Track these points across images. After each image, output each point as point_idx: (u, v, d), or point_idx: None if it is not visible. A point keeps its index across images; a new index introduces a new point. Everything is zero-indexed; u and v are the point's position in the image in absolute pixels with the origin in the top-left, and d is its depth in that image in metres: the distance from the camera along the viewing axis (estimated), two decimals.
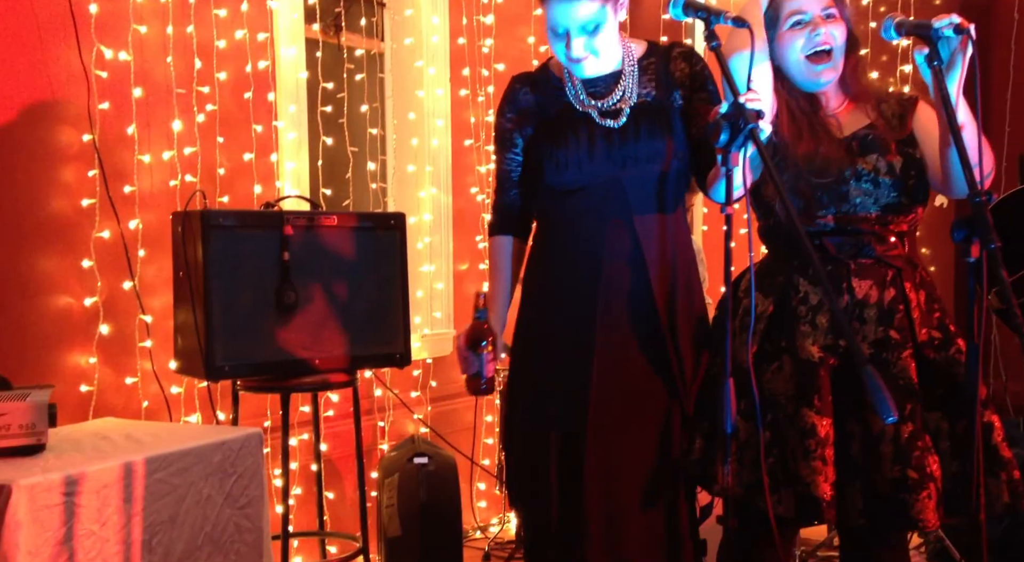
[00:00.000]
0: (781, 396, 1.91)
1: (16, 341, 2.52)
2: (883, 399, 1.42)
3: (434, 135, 3.75)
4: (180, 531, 2.11)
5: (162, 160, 2.84)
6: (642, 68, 2.07)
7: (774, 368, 1.94)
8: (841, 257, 1.93)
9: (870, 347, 1.91)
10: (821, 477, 1.81)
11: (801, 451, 1.84)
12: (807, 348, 1.90)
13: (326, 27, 3.51)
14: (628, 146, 1.99)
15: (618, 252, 1.99)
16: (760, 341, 1.95)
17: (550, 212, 2.09)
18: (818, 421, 1.85)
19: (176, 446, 2.13)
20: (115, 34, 2.72)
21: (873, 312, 1.92)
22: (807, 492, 1.81)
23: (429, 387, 3.66)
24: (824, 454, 1.82)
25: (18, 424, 2.00)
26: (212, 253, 2.44)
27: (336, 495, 3.28)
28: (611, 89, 2.04)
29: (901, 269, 1.94)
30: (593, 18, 1.92)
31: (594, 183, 2.01)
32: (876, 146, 1.95)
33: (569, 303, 2.04)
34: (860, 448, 1.87)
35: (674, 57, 2.07)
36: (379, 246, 2.70)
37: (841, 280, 1.93)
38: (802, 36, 1.95)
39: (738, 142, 1.54)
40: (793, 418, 1.87)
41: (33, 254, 2.56)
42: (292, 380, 2.58)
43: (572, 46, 1.94)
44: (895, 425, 1.83)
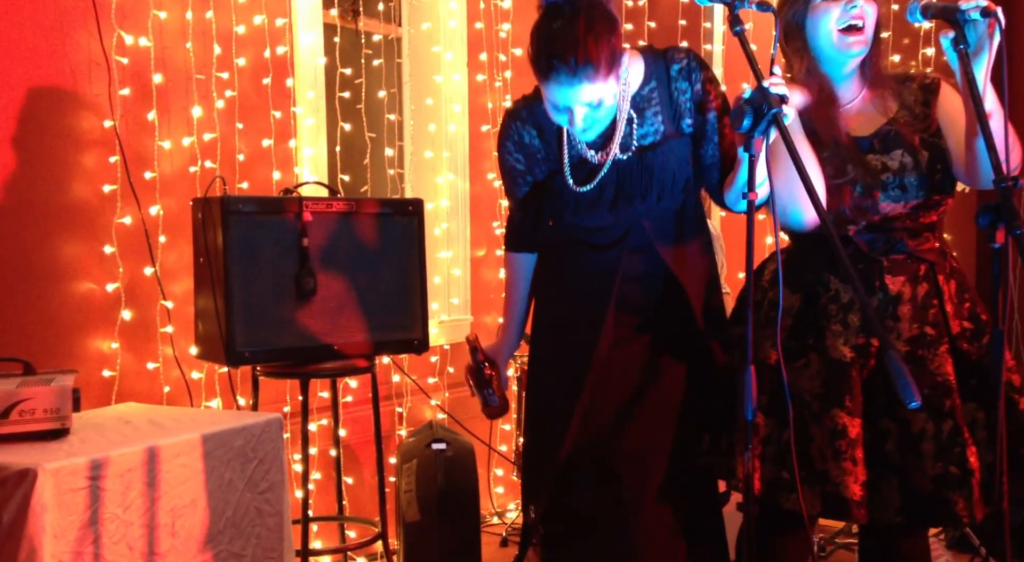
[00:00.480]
0: (806, 393, 1.89)
1: (40, 326, 2.54)
2: (907, 384, 1.41)
3: (451, 121, 3.75)
4: (202, 515, 2.13)
5: (182, 146, 2.85)
6: (645, 101, 1.96)
7: (799, 365, 1.91)
8: (873, 254, 1.90)
9: (906, 344, 1.88)
10: (851, 477, 1.79)
11: (831, 451, 1.82)
12: (839, 348, 1.88)
13: (344, 12, 3.50)
14: (635, 199, 1.95)
15: (635, 260, 2.00)
16: (785, 337, 1.92)
17: (573, 236, 2.06)
18: (849, 422, 1.83)
19: (198, 431, 2.15)
20: (135, 20, 2.73)
21: (907, 309, 1.89)
22: (836, 492, 1.80)
23: (447, 373, 3.67)
24: (855, 455, 1.81)
25: (43, 408, 2.02)
26: (232, 239, 2.45)
27: (355, 480, 3.30)
28: (610, 139, 1.96)
29: (934, 262, 1.92)
30: (597, 96, 1.81)
31: (614, 225, 1.99)
32: (900, 142, 1.91)
33: (585, 292, 2.03)
34: (896, 446, 1.84)
35: (673, 77, 1.96)
36: (397, 232, 2.70)
37: (873, 278, 1.90)
38: (838, 7, 1.88)
39: (761, 127, 1.52)
40: (820, 417, 1.86)
41: (56, 240, 2.58)
42: (311, 366, 2.59)
43: (575, 120, 1.85)
44: (935, 422, 1.82)
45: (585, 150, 1.98)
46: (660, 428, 1.96)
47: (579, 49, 1.74)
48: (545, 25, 1.82)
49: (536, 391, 2.14)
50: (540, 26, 1.83)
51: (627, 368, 1.99)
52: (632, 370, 1.99)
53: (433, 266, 3.68)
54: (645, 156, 1.94)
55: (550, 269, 2.14)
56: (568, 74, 1.75)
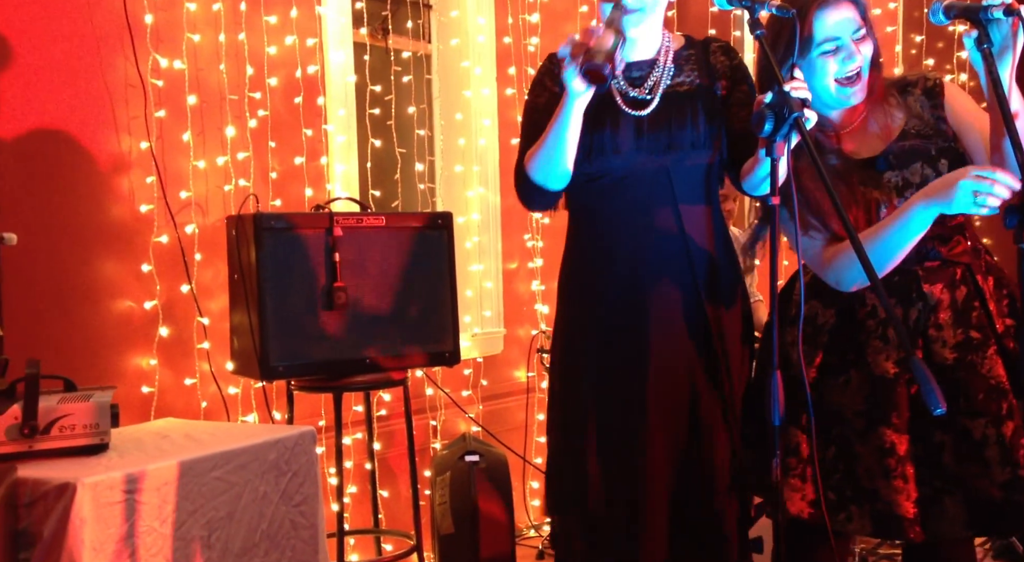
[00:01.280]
0: (848, 410, 1.86)
1: (81, 344, 2.60)
2: (931, 390, 1.39)
3: (481, 135, 3.78)
4: (238, 528, 2.15)
5: (216, 165, 2.91)
6: (684, 58, 2.07)
7: (840, 382, 1.88)
8: (907, 266, 1.87)
9: (953, 351, 1.84)
10: (903, 495, 1.76)
11: (880, 469, 1.79)
12: (881, 364, 1.85)
13: (374, 31, 3.55)
14: (663, 134, 1.99)
15: (666, 247, 1.99)
16: (826, 354, 1.90)
17: (591, 205, 2.06)
18: (897, 439, 1.80)
19: (233, 444, 2.18)
20: (170, 43, 2.79)
21: (948, 315, 1.86)
22: (888, 511, 1.77)
23: (480, 386, 3.68)
24: (905, 472, 1.78)
25: (82, 424, 2.07)
26: (264, 255, 2.49)
27: (391, 493, 3.32)
28: (646, 76, 2.05)
29: (969, 264, 1.89)
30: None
31: (637, 172, 2.00)
32: (917, 155, 1.88)
33: (619, 303, 2.02)
34: (954, 458, 1.80)
35: (713, 50, 2.09)
36: (427, 245, 2.73)
37: (911, 289, 1.87)
38: (835, 62, 1.87)
39: (783, 132, 1.52)
40: (866, 435, 1.83)
41: (96, 260, 2.64)
42: (344, 379, 2.62)
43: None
44: (996, 427, 1.78)
45: (630, 88, 2.04)
46: (688, 432, 1.96)
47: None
48: None
49: (565, 398, 2.13)
50: None
51: (670, 378, 1.99)
52: (673, 379, 1.99)
53: (465, 279, 3.70)
54: (681, 97, 2.01)
55: (572, 271, 2.13)
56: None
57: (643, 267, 1.99)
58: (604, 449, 2.00)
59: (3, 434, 1.99)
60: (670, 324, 1.98)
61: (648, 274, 1.99)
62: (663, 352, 1.98)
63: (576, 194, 2.09)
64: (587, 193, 2.06)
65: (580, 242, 2.11)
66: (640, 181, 2.00)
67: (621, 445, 1.99)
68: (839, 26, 1.85)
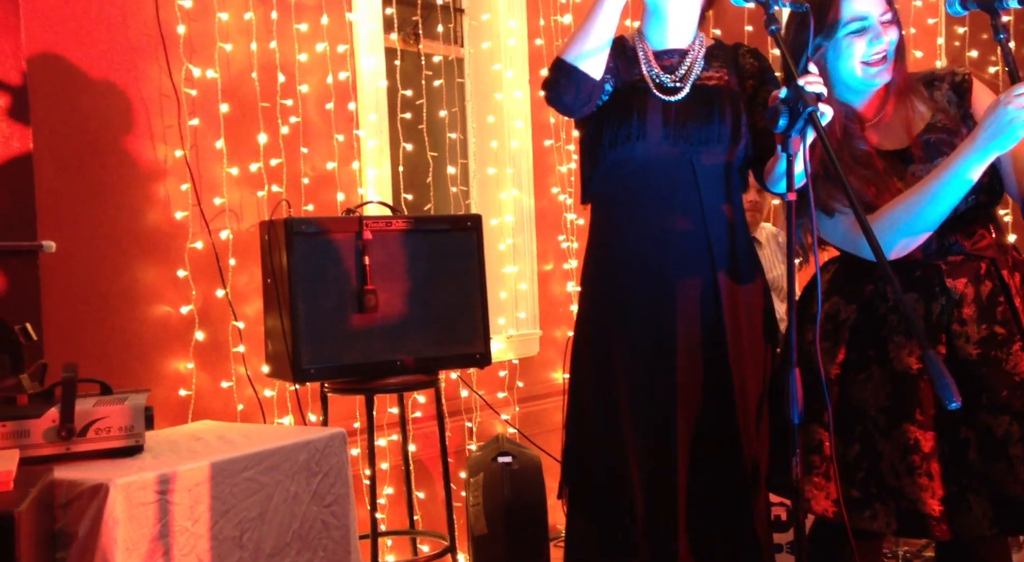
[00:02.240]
0: (871, 407, 1.83)
1: (119, 349, 2.66)
2: (946, 385, 1.37)
3: (514, 137, 3.78)
4: (269, 528, 2.18)
5: (249, 172, 2.95)
6: (714, 55, 2.10)
7: (862, 378, 1.86)
8: (929, 260, 1.85)
9: (976, 346, 1.81)
10: (928, 493, 1.74)
11: (904, 467, 1.77)
12: (904, 359, 1.82)
13: (406, 36, 3.58)
14: (690, 125, 1.99)
15: (688, 238, 1.98)
16: (849, 350, 1.88)
17: (614, 193, 2.06)
18: (922, 436, 1.77)
19: (264, 446, 2.21)
20: (203, 53, 2.85)
21: (972, 310, 1.83)
22: (913, 508, 1.74)
23: (516, 388, 3.69)
24: (930, 469, 1.75)
25: (118, 426, 2.11)
26: (296, 259, 2.52)
27: (427, 494, 3.33)
28: (678, 64, 2.07)
29: (994, 258, 1.86)
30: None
31: (661, 160, 2.00)
32: (942, 148, 1.85)
33: (643, 293, 2.01)
34: (979, 455, 1.77)
35: (742, 53, 2.12)
36: (457, 248, 2.74)
37: (934, 283, 1.84)
38: (863, 42, 1.86)
39: (798, 127, 1.50)
40: (889, 432, 1.80)
41: (132, 266, 2.70)
42: (375, 382, 2.64)
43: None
44: (1020, 425, 1.75)
45: (661, 73, 2.05)
46: (714, 440, 1.95)
47: None
48: None
49: (595, 411, 2.12)
50: None
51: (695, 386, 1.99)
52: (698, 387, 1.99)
53: (499, 281, 3.71)
54: (709, 91, 2.04)
55: (596, 267, 2.12)
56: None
57: (667, 257, 1.99)
58: (637, 445, 1.99)
59: (41, 436, 2.04)
60: (692, 319, 1.97)
61: (670, 265, 1.98)
62: (691, 343, 1.97)
63: (600, 183, 2.08)
64: (610, 181, 2.06)
65: (604, 231, 2.11)
66: (664, 170, 2.00)
67: (652, 440, 1.98)
68: (867, 4, 1.85)
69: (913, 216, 1.76)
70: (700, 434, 1.95)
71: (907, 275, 1.84)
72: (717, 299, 1.97)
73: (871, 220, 1.81)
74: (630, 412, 2.00)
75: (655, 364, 1.99)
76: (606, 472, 2.04)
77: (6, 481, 1.68)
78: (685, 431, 1.95)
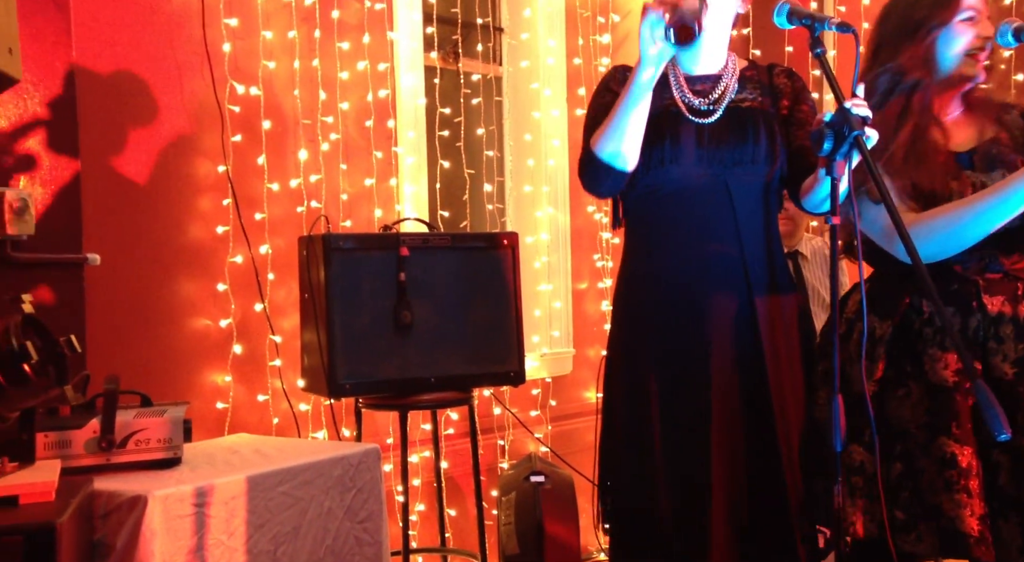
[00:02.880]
0: (911, 424, 1.80)
1: (160, 361, 2.70)
2: (995, 416, 1.34)
3: (551, 155, 3.79)
4: (303, 543, 2.19)
5: (289, 188, 2.99)
6: (745, 77, 2.10)
7: (900, 395, 1.83)
8: (967, 275, 1.83)
9: (1012, 366, 1.79)
10: (967, 511, 1.69)
11: (942, 483, 1.73)
12: (939, 373, 1.80)
13: (446, 55, 3.61)
14: (724, 147, 1.98)
15: (724, 260, 1.97)
16: (887, 366, 1.86)
17: (648, 217, 2.06)
18: (959, 450, 1.74)
19: (299, 460, 2.22)
20: (246, 71, 2.89)
21: (1010, 329, 1.80)
22: (952, 527, 1.70)
23: (549, 406, 3.68)
24: (968, 486, 1.71)
25: (157, 438, 2.14)
26: (333, 275, 2.54)
27: (459, 512, 3.33)
28: (712, 88, 2.06)
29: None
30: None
31: (696, 184, 1.99)
32: (1001, 161, 1.84)
33: (677, 316, 2.00)
34: (1011, 479, 1.74)
35: (776, 73, 2.11)
36: (492, 265, 2.75)
37: (971, 299, 1.83)
38: (972, 32, 1.89)
39: (843, 150, 1.49)
40: (928, 447, 1.77)
41: (175, 279, 2.74)
42: (410, 398, 2.65)
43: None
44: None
45: (693, 98, 2.05)
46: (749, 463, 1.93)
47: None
48: None
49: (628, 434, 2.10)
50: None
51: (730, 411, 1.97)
52: (733, 412, 1.97)
53: (534, 299, 3.71)
54: (743, 113, 2.02)
55: (628, 290, 2.12)
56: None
57: (702, 280, 1.98)
58: (670, 467, 1.98)
59: (82, 447, 2.07)
60: (727, 342, 1.95)
61: (706, 287, 1.97)
62: (725, 367, 1.95)
63: (633, 206, 2.08)
64: (644, 204, 2.05)
65: (638, 253, 2.10)
66: (699, 193, 1.99)
67: (688, 460, 1.97)
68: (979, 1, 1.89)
69: (954, 229, 1.75)
70: (737, 463, 1.93)
71: (944, 288, 1.83)
72: (754, 323, 1.95)
73: (913, 223, 1.80)
74: (662, 439, 1.99)
75: (688, 389, 1.97)
76: (637, 503, 2.02)
77: (48, 492, 1.71)
78: (720, 460, 1.93)
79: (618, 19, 3.99)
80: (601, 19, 3.95)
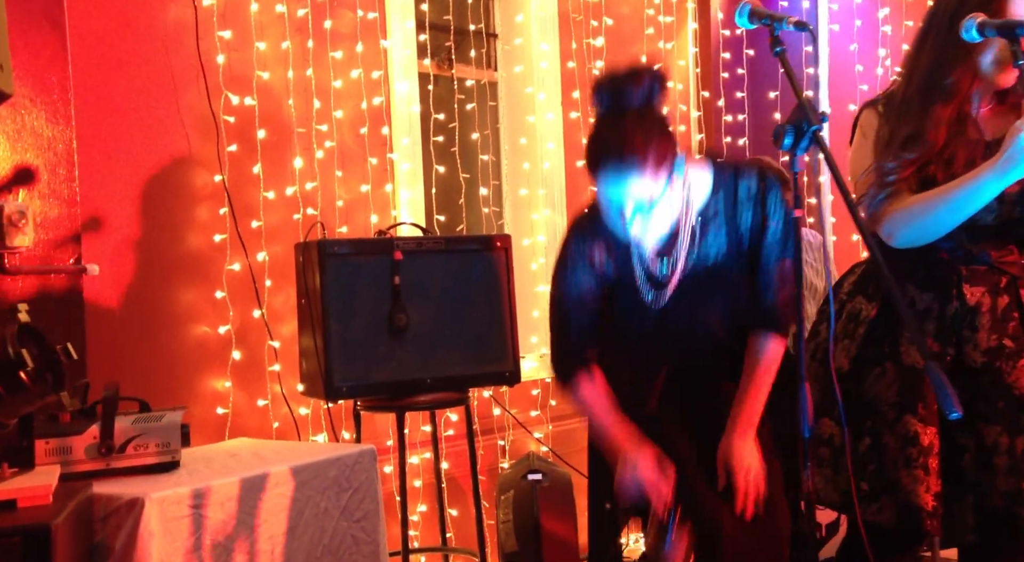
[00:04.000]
0: (883, 403, 1.88)
1: (160, 368, 2.75)
2: (947, 395, 1.40)
3: (546, 158, 3.83)
4: (300, 542, 2.24)
5: (285, 195, 3.04)
6: (711, 215, 1.97)
7: (876, 373, 1.91)
8: (953, 262, 1.88)
9: (983, 355, 1.85)
10: (923, 487, 1.77)
11: (903, 459, 1.81)
12: (912, 355, 1.86)
13: (440, 62, 3.66)
14: (684, 310, 1.99)
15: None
16: (863, 346, 1.93)
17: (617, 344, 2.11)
18: (922, 429, 1.82)
19: (295, 462, 2.27)
20: (241, 82, 2.95)
21: (986, 319, 1.86)
22: (907, 501, 1.78)
23: (549, 406, 3.71)
24: (927, 463, 1.79)
25: (155, 443, 2.19)
26: (328, 280, 2.59)
27: (460, 512, 3.37)
28: (668, 250, 1.98)
29: (1016, 276, 1.88)
30: (647, 192, 1.81)
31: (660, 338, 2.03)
32: None
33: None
34: (972, 461, 1.82)
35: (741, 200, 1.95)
36: (486, 268, 2.79)
37: (951, 287, 1.88)
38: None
39: (803, 145, 1.54)
40: (894, 425, 1.84)
41: (174, 287, 2.80)
42: (406, 399, 2.70)
43: (628, 223, 1.86)
44: (1010, 437, 1.79)
45: (653, 265, 2.00)
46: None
47: (625, 144, 1.78)
48: (597, 129, 1.87)
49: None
50: (593, 131, 1.88)
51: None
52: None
53: (532, 300, 3.75)
54: (708, 273, 1.96)
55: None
56: (616, 165, 1.79)
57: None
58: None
59: (82, 452, 2.12)
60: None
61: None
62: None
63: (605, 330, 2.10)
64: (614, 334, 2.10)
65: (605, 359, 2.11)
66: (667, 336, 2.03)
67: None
68: None
69: (929, 217, 1.80)
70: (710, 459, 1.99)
71: (928, 273, 1.89)
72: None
73: (896, 210, 1.83)
74: None
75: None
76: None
77: (45, 495, 1.76)
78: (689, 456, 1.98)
79: (611, 22, 4.03)
80: (594, 22, 3.98)
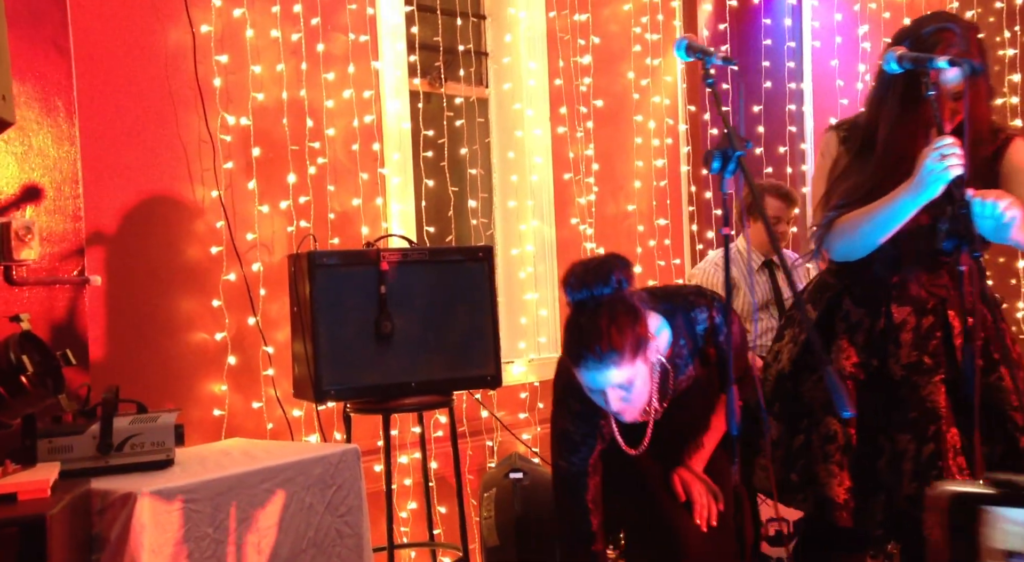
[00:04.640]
0: (816, 403, 2.03)
1: (161, 372, 2.92)
2: (840, 397, 1.52)
3: (534, 171, 3.98)
4: (286, 536, 2.39)
5: (279, 209, 3.20)
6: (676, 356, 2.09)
7: (815, 378, 2.05)
8: (885, 282, 2.03)
9: (903, 369, 1.99)
10: (836, 480, 1.93)
11: (821, 455, 1.97)
12: (840, 362, 2.01)
13: (432, 80, 3.81)
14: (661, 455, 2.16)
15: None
16: (803, 352, 2.08)
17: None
18: (839, 429, 1.97)
19: (281, 460, 2.42)
20: (237, 102, 3.11)
21: (909, 337, 2.00)
22: (822, 493, 1.93)
23: (537, 409, 3.85)
24: (841, 460, 1.95)
25: (150, 442, 2.35)
26: (318, 289, 2.74)
27: (448, 509, 3.51)
28: (639, 426, 2.13)
29: (945, 299, 2.01)
30: (626, 378, 1.92)
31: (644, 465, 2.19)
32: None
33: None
34: (886, 463, 1.97)
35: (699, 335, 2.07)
36: (469, 277, 2.93)
37: (881, 303, 2.03)
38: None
39: (730, 169, 1.66)
40: (819, 425, 2.00)
41: (173, 297, 2.96)
42: (392, 402, 2.84)
43: (609, 402, 1.96)
44: (917, 444, 1.92)
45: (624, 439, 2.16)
46: None
47: (603, 339, 1.86)
48: (573, 320, 1.95)
49: None
50: (569, 320, 1.97)
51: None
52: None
53: (521, 307, 3.89)
54: (681, 401, 2.11)
55: None
56: (595, 361, 1.88)
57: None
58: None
59: (82, 451, 2.28)
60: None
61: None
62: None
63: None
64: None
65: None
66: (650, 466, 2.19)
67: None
68: None
69: (856, 233, 1.95)
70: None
71: (864, 290, 2.04)
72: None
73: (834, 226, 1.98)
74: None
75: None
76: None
77: (43, 489, 1.92)
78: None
79: (598, 41, 4.17)
80: (581, 41, 4.13)
